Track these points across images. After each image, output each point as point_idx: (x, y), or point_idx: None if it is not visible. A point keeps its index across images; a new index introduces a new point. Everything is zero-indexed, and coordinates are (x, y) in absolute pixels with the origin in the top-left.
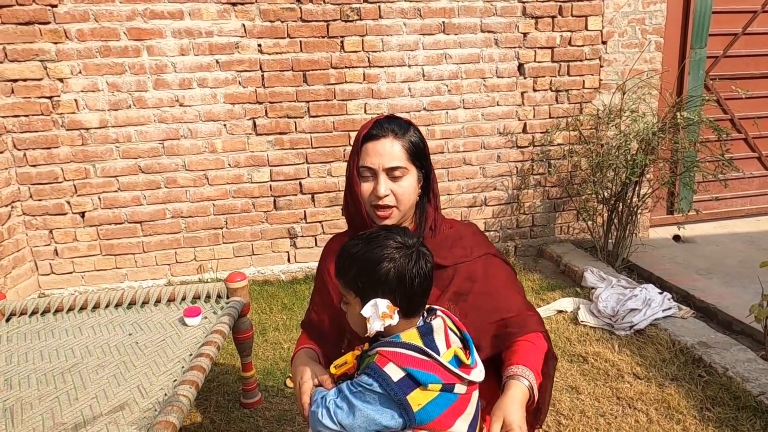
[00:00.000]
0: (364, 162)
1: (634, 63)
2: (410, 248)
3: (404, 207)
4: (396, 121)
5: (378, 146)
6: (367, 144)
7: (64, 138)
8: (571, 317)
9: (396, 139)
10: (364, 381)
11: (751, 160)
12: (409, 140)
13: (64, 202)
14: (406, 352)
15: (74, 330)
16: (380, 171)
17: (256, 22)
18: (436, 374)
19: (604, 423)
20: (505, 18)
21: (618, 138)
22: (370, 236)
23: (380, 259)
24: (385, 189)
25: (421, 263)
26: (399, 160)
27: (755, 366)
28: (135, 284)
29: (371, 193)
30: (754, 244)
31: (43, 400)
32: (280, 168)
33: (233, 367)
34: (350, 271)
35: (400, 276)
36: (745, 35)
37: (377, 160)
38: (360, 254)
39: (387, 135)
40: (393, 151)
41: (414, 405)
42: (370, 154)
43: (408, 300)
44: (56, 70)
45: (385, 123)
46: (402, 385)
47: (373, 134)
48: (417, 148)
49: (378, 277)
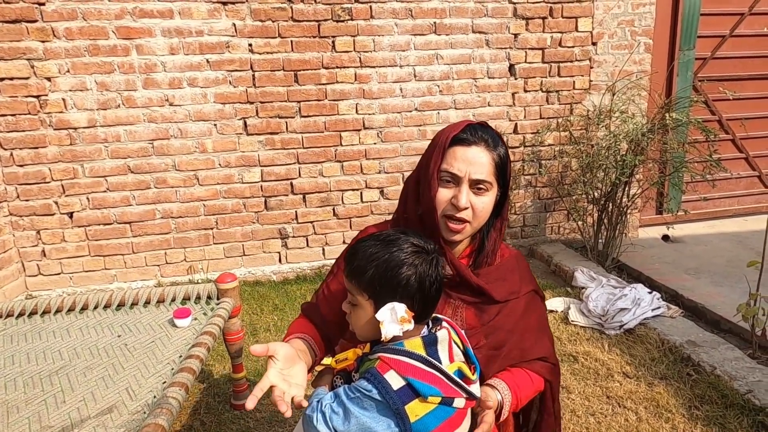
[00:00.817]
0: (448, 166)
1: (623, 64)
2: (430, 253)
3: (477, 224)
4: (489, 131)
5: (468, 153)
6: (456, 147)
7: (51, 137)
8: (561, 317)
9: (487, 149)
10: (363, 387)
11: (739, 160)
12: (498, 154)
13: (51, 203)
14: (409, 361)
15: (62, 332)
16: (465, 180)
17: (246, 21)
18: (437, 387)
19: (594, 422)
20: (496, 19)
21: (608, 138)
22: (387, 238)
23: (402, 262)
24: (466, 201)
25: (438, 269)
26: (487, 174)
27: (742, 364)
28: (124, 285)
29: (449, 201)
30: (742, 244)
31: (30, 403)
32: (271, 168)
33: (224, 369)
34: (366, 273)
35: (421, 281)
36: (733, 37)
37: (465, 168)
38: (380, 256)
39: (479, 143)
40: (483, 161)
41: (412, 416)
42: (457, 159)
43: (424, 306)
44: (44, 69)
45: (479, 130)
46: (401, 395)
47: (463, 138)
48: (504, 164)
49: (398, 281)
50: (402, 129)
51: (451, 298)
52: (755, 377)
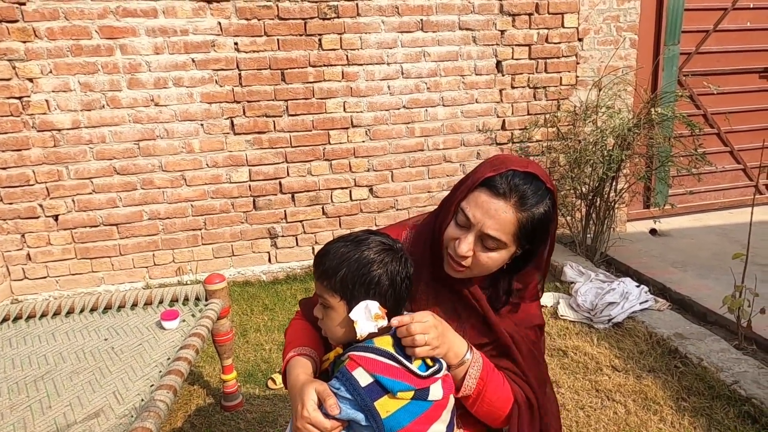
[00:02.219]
0: (466, 207)
1: (609, 60)
2: (397, 252)
3: (480, 273)
4: (534, 184)
5: (491, 205)
6: (482, 192)
7: (35, 139)
8: (551, 312)
9: (515, 208)
10: (334, 386)
11: (724, 154)
12: (530, 216)
13: (36, 205)
14: (377, 357)
15: (47, 336)
16: (475, 230)
17: (232, 20)
18: (407, 381)
19: (583, 416)
20: (482, 15)
21: (595, 134)
22: (356, 239)
23: (372, 260)
24: (468, 250)
25: (407, 266)
26: (502, 233)
27: (728, 355)
28: (112, 288)
29: (453, 242)
30: (728, 237)
31: (15, 409)
32: (259, 167)
33: (214, 370)
34: (338, 273)
35: (392, 278)
36: (717, 32)
37: (480, 218)
38: (350, 256)
39: (508, 198)
40: (504, 219)
41: (382, 412)
42: (478, 206)
43: (396, 302)
44: (25, 70)
45: (517, 180)
46: (369, 391)
47: (495, 186)
48: (535, 227)
49: (371, 279)
50: (390, 127)
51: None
52: (741, 368)
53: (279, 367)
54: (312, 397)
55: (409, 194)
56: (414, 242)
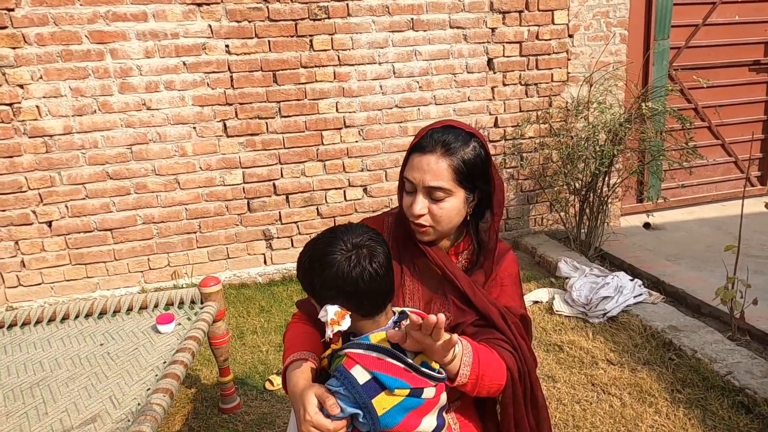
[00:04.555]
0: (407, 173)
1: (600, 55)
2: (359, 249)
3: (443, 227)
4: (453, 132)
5: (423, 161)
6: (413, 155)
7: (26, 146)
8: (546, 307)
9: (444, 156)
10: (332, 384)
11: (715, 147)
12: (460, 158)
13: (29, 212)
14: (375, 354)
15: (42, 343)
16: (420, 188)
17: (222, 22)
18: (404, 379)
19: (579, 409)
20: (473, 13)
21: (587, 130)
22: (317, 241)
23: (325, 264)
24: (421, 208)
25: (364, 264)
26: (441, 180)
27: (722, 347)
28: (107, 293)
29: (408, 208)
30: (721, 229)
31: (11, 416)
32: (252, 169)
33: (211, 373)
34: (304, 280)
35: (342, 279)
36: (706, 26)
37: (418, 176)
38: (307, 260)
39: (435, 150)
40: (436, 169)
41: (379, 409)
42: (414, 167)
43: (358, 302)
44: (15, 76)
45: (437, 134)
46: (367, 389)
47: (420, 146)
48: (470, 167)
49: (323, 283)
50: (383, 126)
51: (438, 294)
52: (734, 359)
53: (276, 369)
54: (312, 401)
55: None
56: (396, 226)
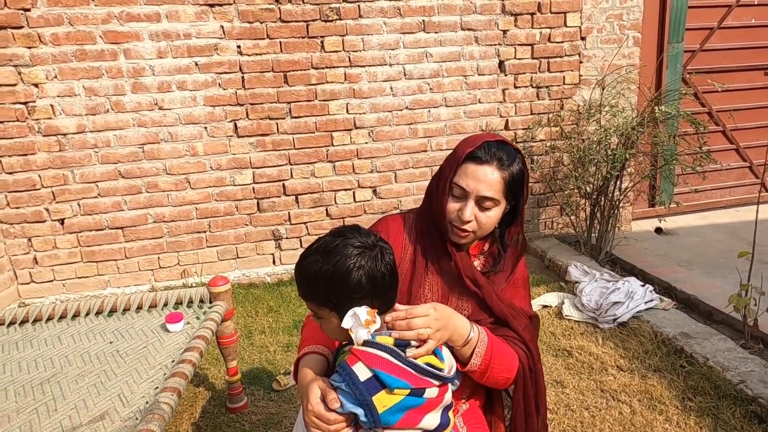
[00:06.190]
0: (459, 180)
1: (612, 58)
2: (373, 248)
3: (482, 233)
4: (505, 148)
5: (479, 171)
6: (468, 164)
7: (41, 144)
8: (555, 312)
9: (498, 169)
10: (335, 380)
11: (729, 152)
12: (510, 173)
13: (42, 210)
14: (377, 352)
15: (53, 339)
16: (472, 197)
17: (234, 23)
18: (405, 379)
19: (588, 416)
20: (484, 16)
21: (598, 133)
22: (326, 248)
23: (348, 269)
24: (471, 215)
25: (386, 259)
26: (494, 191)
27: (735, 355)
28: (118, 291)
29: (455, 213)
30: (734, 235)
31: (22, 412)
32: (262, 170)
33: (219, 372)
34: (319, 290)
35: (372, 279)
36: (721, 29)
37: (473, 185)
38: (325, 271)
39: (492, 162)
40: (492, 180)
41: (379, 406)
42: (468, 175)
43: (382, 299)
44: (31, 75)
45: (493, 148)
46: (368, 386)
47: (477, 156)
48: (516, 181)
49: (351, 288)
50: (393, 128)
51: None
52: (747, 367)
53: (284, 369)
54: (316, 392)
55: (412, 195)
56: (417, 220)
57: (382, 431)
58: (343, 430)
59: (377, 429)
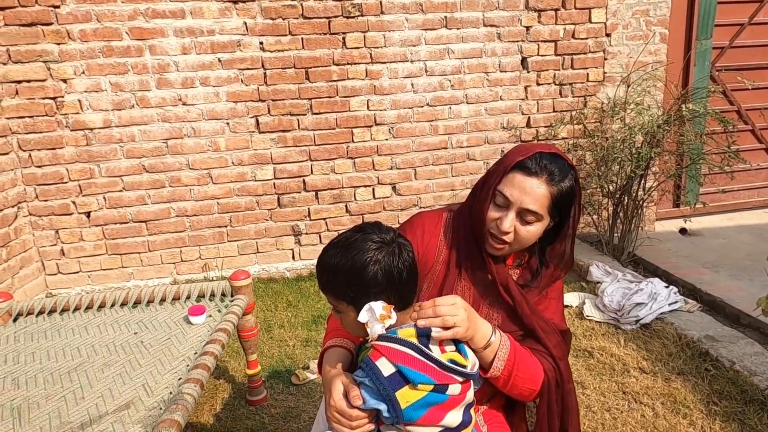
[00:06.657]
0: (504, 189)
1: (638, 55)
2: (390, 244)
3: (519, 247)
4: (558, 162)
5: (526, 183)
6: (516, 173)
7: (68, 138)
8: (576, 312)
9: (547, 183)
10: (358, 375)
11: (759, 151)
12: (559, 190)
13: (69, 203)
14: (401, 348)
15: (80, 329)
16: (514, 207)
17: (257, 19)
18: (429, 375)
19: (609, 418)
20: (507, 12)
21: (623, 131)
22: (346, 242)
23: (365, 263)
24: (510, 226)
25: (404, 255)
26: (538, 206)
27: (762, 359)
28: (141, 283)
29: (495, 222)
30: (762, 237)
31: (50, 399)
32: (283, 165)
33: (239, 365)
34: (336, 283)
35: (389, 274)
36: (752, 25)
37: (518, 196)
38: (343, 264)
39: (541, 175)
40: (538, 194)
41: (402, 402)
42: (515, 186)
43: (399, 295)
44: (60, 71)
45: (545, 160)
46: (391, 381)
47: (527, 166)
48: (564, 198)
49: (367, 282)
50: (414, 124)
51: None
52: None
53: (302, 364)
54: (339, 388)
55: (432, 192)
56: (455, 221)
57: (404, 427)
58: (364, 426)
59: (399, 425)
